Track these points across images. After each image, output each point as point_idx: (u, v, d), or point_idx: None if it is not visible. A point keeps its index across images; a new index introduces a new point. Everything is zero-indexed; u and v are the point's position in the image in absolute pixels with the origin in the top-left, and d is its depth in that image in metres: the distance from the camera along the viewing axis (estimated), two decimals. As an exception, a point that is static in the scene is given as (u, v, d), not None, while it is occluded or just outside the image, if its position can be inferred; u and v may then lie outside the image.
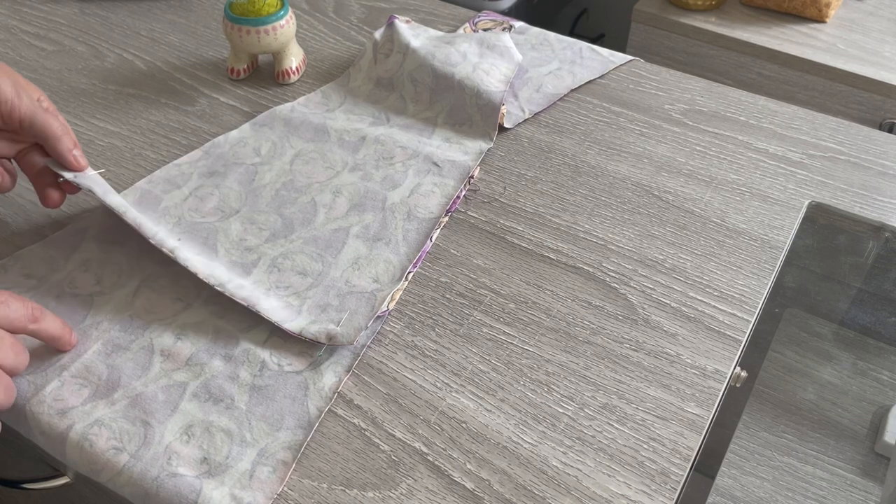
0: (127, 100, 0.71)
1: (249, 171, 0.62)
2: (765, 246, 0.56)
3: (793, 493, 0.77)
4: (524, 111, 0.69)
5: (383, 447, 0.45)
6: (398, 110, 0.69)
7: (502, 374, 0.48)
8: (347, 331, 0.49)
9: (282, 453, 0.44)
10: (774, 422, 0.82)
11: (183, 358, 0.48)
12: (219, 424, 0.45)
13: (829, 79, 1.20)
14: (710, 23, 1.28)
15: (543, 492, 0.42)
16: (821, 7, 1.26)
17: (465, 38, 0.71)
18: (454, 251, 0.56)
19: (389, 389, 0.47)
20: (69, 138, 0.53)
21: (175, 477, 0.42)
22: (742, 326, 0.51)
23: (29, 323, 0.45)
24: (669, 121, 0.68)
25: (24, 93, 0.51)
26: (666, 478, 0.43)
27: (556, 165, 0.64)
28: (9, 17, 0.82)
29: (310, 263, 0.55)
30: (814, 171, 0.63)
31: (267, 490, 0.42)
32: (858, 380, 0.83)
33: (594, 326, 0.51)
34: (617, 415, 0.46)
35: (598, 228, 0.58)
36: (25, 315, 0.44)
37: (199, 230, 0.57)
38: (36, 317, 0.45)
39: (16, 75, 0.51)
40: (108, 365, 0.48)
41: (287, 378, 0.47)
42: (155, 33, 0.80)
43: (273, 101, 0.70)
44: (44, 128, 0.51)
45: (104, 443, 0.44)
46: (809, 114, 0.69)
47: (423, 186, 0.60)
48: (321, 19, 0.83)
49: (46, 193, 0.53)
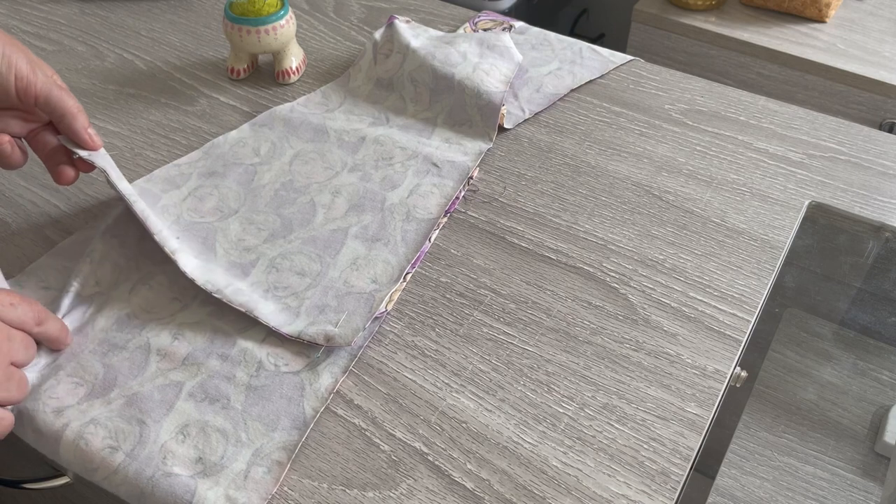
0: (127, 100, 0.71)
1: (248, 172, 0.62)
2: (765, 246, 0.56)
3: (793, 493, 0.77)
4: (524, 111, 0.69)
5: (383, 447, 0.45)
6: (398, 110, 0.69)
7: (502, 374, 0.48)
8: (345, 332, 0.49)
9: (277, 454, 0.44)
10: (774, 422, 0.82)
11: (179, 357, 0.48)
12: (214, 424, 0.45)
13: (829, 79, 1.20)
14: (710, 23, 1.28)
15: (543, 492, 0.42)
16: (821, 7, 1.26)
17: (465, 39, 0.71)
18: (454, 251, 0.56)
19: (389, 389, 0.47)
20: (84, 116, 0.52)
21: (170, 476, 0.42)
22: (742, 326, 0.51)
23: (35, 326, 0.45)
24: (669, 121, 0.68)
25: (40, 70, 0.50)
26: (666, 478, 0.43)
27: (556, 165, 0.64)
28: (9, 17, 0.82)
29: (308, 264, 0.54)
30: (814, 171, 0.63)
31: (262, 490, 0.42)
32: (858, 380, 0.83)
33: (594, 326, 0.51)
34: (617, 415, 0.46)
35: (599, 228, 0.58)
36: (33, 318, 0.45)
37: (197, 230, 0.57)
38: (41, 319, 0.46)
39: (29, 52, 0.50)
40: (105, 364, 0.48)
41: (283, 378, 0.47)
42: (155, 33, 0.80)
43: (273, 101, 0.70)
44: (60, 104, 0.50)
45: (100, 442, 0.44)
46: (809, 114, 0.69)
47: (423, 187, 0.60)
48: (321, 19, 0.83)
49: (60, 171, 0.52)
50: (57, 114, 0.51)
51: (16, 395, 0.44)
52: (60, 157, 0.52)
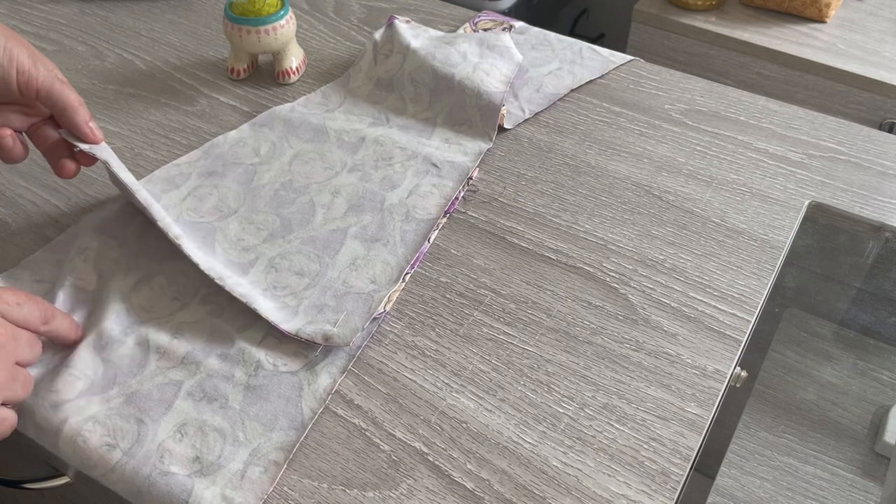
0: (127, 100, 0.71)
1: (248, 172, 0.62)
2: (765, 246, 0.56)
3: (793, 493, 0.77)
4: (524, 111, 0.69)
5: (383, 447, 0.45)
6: (398, 111, 0.69)
7: (502, 374, 0.48)
8: (344, 332, 0.49)
9: (274, 454, 0.44)
10: (774, 422, 0.82)
11: (178, 356, 0.48)
12: (212, 424, 0.45)
13: (829, 79, 1.20)
14: (710, 23, 1.28)
15: (543, 492, 0.42)
16: (821, 7, 1.26)
17: (465, 39, 0.71)
18: (454, 251, 0.56)
19: (389, 389, 0.47)
20: (85, 110, 0.52)
21: (167, 475, 0.42)
22: (742, 326, 0.51)
23: (41, 325, 0.46)
24: (669, 121, 0.68)
25: (41, 63, 0.50)
26: (666, 478, 0.43)
27: (556, 165, 0.64)
28: (9, 17, 0.82)
29: (307, 264, 0.54)
30: (814, 171, 0.63)
31: (258, 490, 0.42)
32: (858, 380, 0.83)
33: (594, 326, 0.51)
34: (617, 415, 0.46)
35: (599, 228, 0.58)
36: (39, 317, 0.45)
37: (197, 230, 0.57)
38: (48, 318, 0.46)
39: (31, 47, 0.51)
40: (104, 359, 0.48)
41: (282, 378, 0.47)
42: (155, 33, 0.80)
43: (273, 101, 0.70)
44: (61, 98, 0.51)
45: (97, 439, 0.44)
46: (809, 114, 0.69)
47: (422, 187, 0.60)
48: (321, 19, 0.83)
49: (62, 164, 0.52)
50: (58, 107, 0.51)
51: (20, 395, 0.44)
52: (61, 150, 0.53)
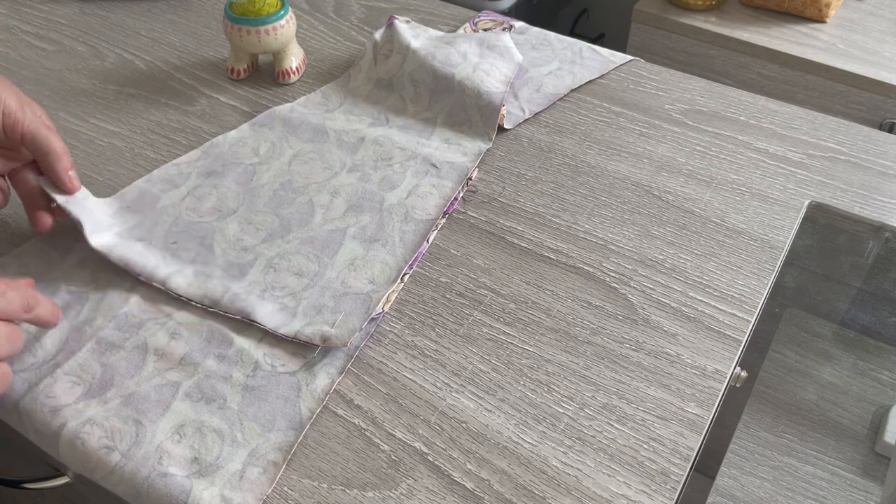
0: (127, 100, 0.71)
1: (248, 171, 0.62)
2: (765, 246, 0.56)
3: (793, 493, 0.77)
4: (524, 111, 0.69)
5: (383, 447, 0.45)
6: (398, 111, 0.69)
7: (502, 374, 0.48)
8: (342, 332, 0.49)
9: (272, 454, 0.44)
10: (774, 422, 0.82)
11: (176, 357, 0.48)
12: (210, 424, 0.45)
13: (829, 79, 1.20)
14: (710, 23, 1.28)
15: (543, 492, 0.42)
16: (821, 7, 1.26)
17: (465, 39, 0.71)
18: (454, 251, 0.56)
19: (389, 389, 0.47)
20: (68, 159, 0.54)
21: (165, 476, 0.42)
22: (742, 326, 0.51)
23: (23, 312, 0.45)
24: (669, 121, 0.68)
25: (29, 108, 0.52)
26: (666, 478, 0.43)
27: (556, 165, 0.64)
28: (9, 17, 0.82)
29: (306, 264, 0.54)
30: (814, 171, 0.63)
31: (256, 491, 0.42)
32: (858, 380, 0.83)
33: (594, 326, 0.51)
34: (617, 415, 0.46)
35: (598, 228, 0.58)
36: (21, 305, 0.45)
37: (196, 230, 0.57)
38: (31, 306, 0.46)
39: (19, 92, 0.53)
40: (102, 363, 0.48)
41: (280, 379, 0.47)
42: (155, 33, 0.80)
43: (273, 101, 0.70)
44: (46, 144, 0.52)
45: (96, 441, 0.44)
46: (809, 114, 0.69)
47: (421, 188, 0.60)
48: (321, 19, 0.83)
49: (37, 217, 0.54)
50: (41, 152, 0.52)
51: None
52: (39, 200, 0.54)
